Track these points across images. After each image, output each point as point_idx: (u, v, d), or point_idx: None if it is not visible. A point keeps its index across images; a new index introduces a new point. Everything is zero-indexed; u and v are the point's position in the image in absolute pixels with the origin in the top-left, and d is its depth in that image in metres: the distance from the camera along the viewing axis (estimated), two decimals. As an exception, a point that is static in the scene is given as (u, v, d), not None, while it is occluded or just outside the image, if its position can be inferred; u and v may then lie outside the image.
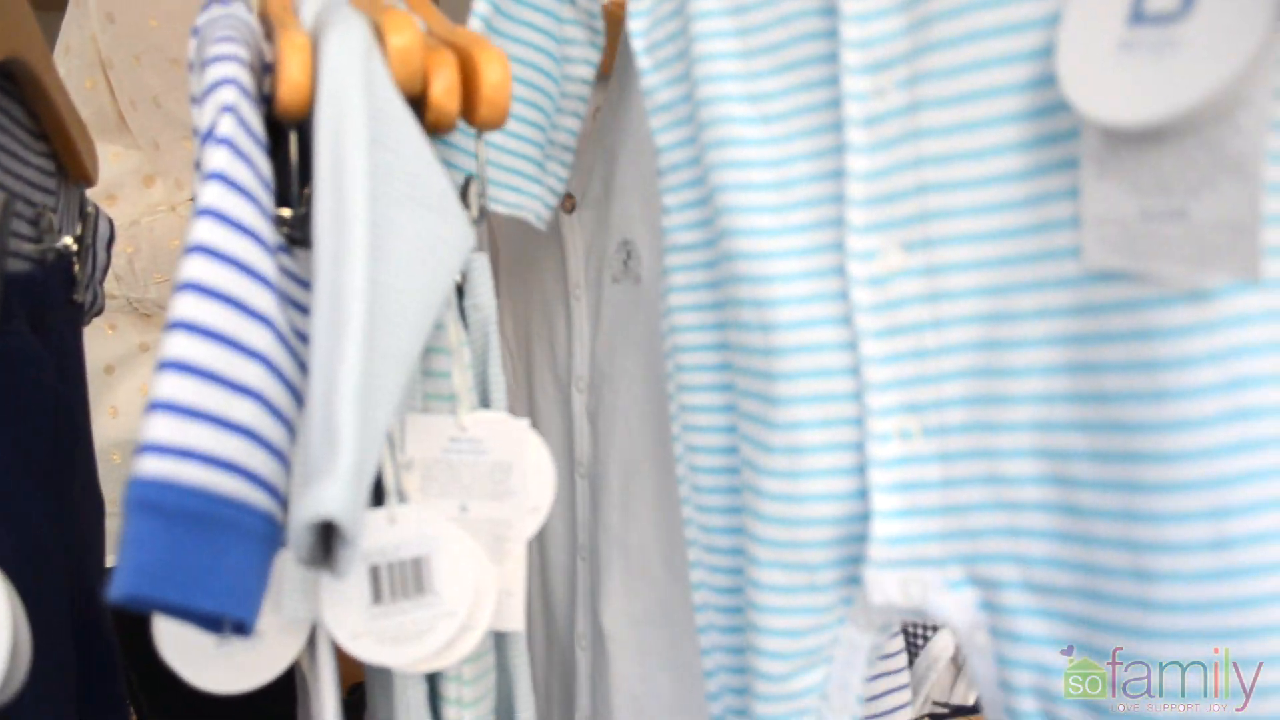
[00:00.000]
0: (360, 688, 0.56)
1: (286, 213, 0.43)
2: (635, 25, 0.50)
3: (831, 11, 0.41)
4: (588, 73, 0.57)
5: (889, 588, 0.42)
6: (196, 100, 0.41)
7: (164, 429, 0.33)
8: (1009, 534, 0.40)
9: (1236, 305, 0.33)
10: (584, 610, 0.70)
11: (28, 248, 0.55)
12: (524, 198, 0.58)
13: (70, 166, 0.58)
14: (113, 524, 0.88)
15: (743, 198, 0.45)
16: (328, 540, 0.36)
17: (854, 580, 0.44)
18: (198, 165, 0.39)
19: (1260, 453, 0.34)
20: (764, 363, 0.44)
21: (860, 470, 0.42)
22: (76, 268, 0.58)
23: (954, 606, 0.41)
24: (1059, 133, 0.36)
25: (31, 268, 0.55)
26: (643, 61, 0.50)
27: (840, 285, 0.42)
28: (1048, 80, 0.36)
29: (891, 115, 0.40)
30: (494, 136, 0.54)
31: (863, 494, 0.42)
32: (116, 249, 0.89)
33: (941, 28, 0.38)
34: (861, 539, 0.43)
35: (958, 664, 0.83)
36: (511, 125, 0.56)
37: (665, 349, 0.52)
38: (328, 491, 0.31)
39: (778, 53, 0.44)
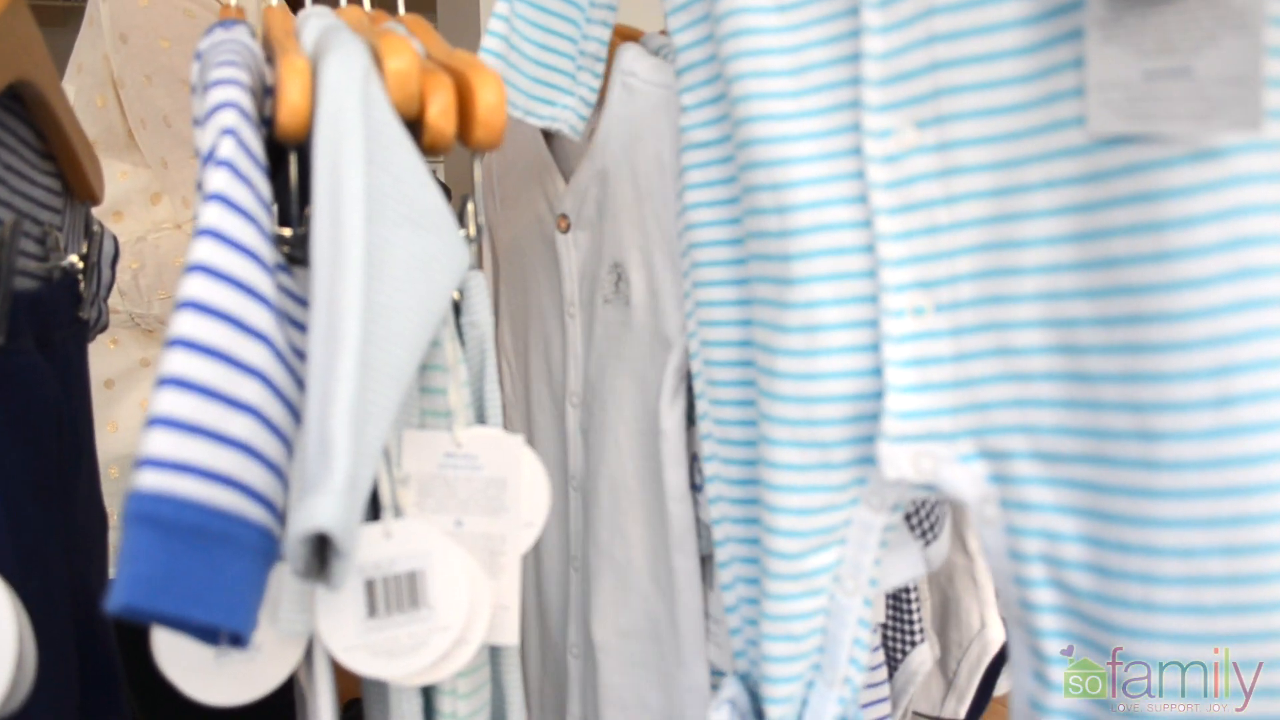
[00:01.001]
0: (357, 703, 0.56)
1: (287, 232, 0.44)
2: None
3: None
4: None
5: (901, 462, 0.43)
6: (199, 122, 0.42)
7: (163, 443, 0.33)
8: (1018, 405, 0.41)
9: (1240, 165, 0.34)
10: (576, 620, 0.70)
11: (34, 266, 0.56)
12: (557, 109, 0.60)
13: (76, 186, 0.59)
14: (113, 538, 0.89)
15: (759, 84, 0.46)
16: (323, 553, 0.36)
17: (867, 460, 0.45)
18: (199, 186, 0.40)
19: (1263, 311, 0.34)
20: (780, 245, 0.45)
21: (874, 347, 0.43)
22: (82, 285, 0.59)
23: (965, 479, 0.42)
24: (1064, 4, 0.37)
25: (38, 286, 0.56)
26: None
27: (855, 165, 0.43)
28: None
29: None
30: (526, 48, 0.57)
31: (877, 371, 0.43)
32: (122, 265, 0.90)
33: None
34: (875, 417, 0.44)
35: (947, 676, 0.83)
36: (542, 36, 0.58)
37: (680, 247, 0.54)
38: (321, 504, 0.32)
39: None
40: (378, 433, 0.39)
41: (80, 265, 0.58)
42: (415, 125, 0.45)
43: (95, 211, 0.92)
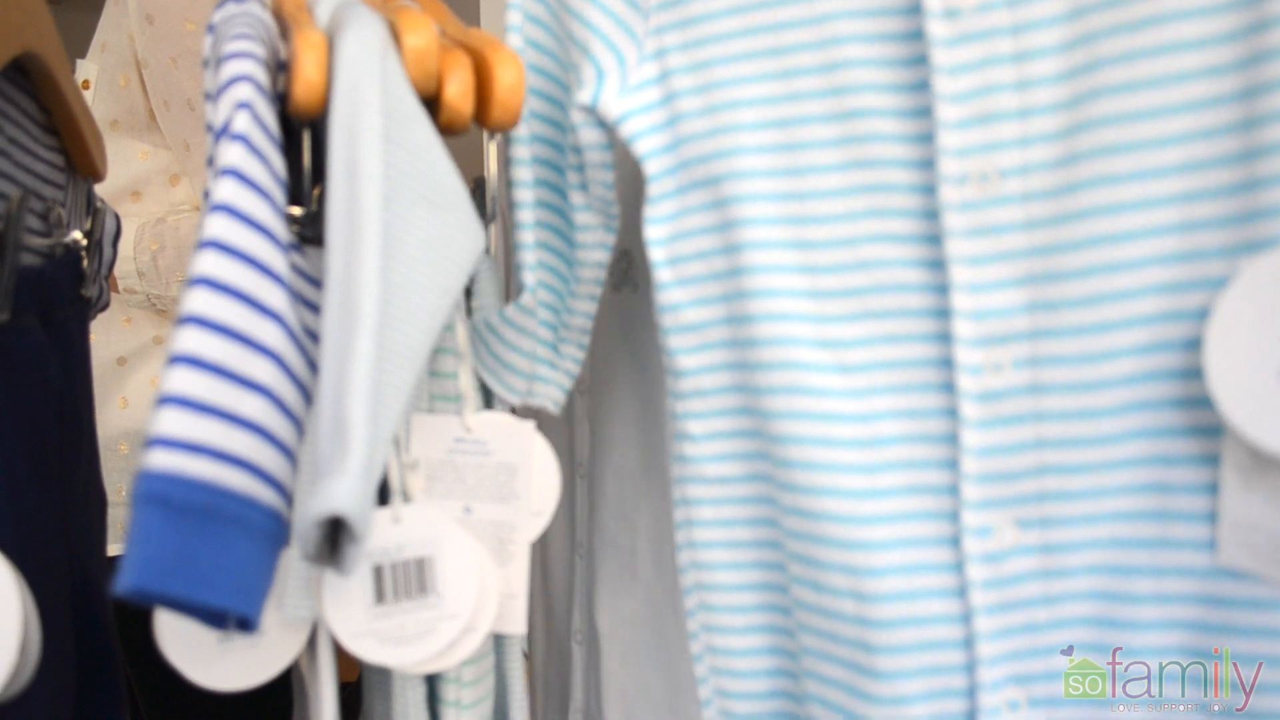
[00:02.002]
0: (349, 686, 0.56)
1: (298, 211, 0.44)
2: (654, 233, 0.46)
3: (933, 269, 0.41)
4: (603, 256, 0.51)
5: None
6: (211, 96, 0.41)
7: (174, 423, 0.33)
8: None
9: None
10: (580, 606, 0.70)
11: (37, 242, 0.55)
12: (536, 383, 0.52)
13: (79, 162, 0.58)
14: (117, 514, 0.88)
15: (825, 454, 0.43)
16: (333, 538, 0.36)
17: None
18: (210, 161, 0.40)
19: None
20: (859, 633, 0.43)
21: None
22: (85, 263, 0.58)
23: None
24: (1181, 428, 0.38)
25: (41, 262, 0.55)
26: (663, 274, 0.46)
27: (951, 556, 0.42)
28: (1173, 374, 0.37)
29: (1010, 394, 0.40)
30: (502, 325, 0.50)
31: None
32: (141, 246, 0.90)
33: (1068, 316, 0.38)
34: None
35: None
36: (518, 317, 0.51)
37: (689, 606, 0.49)
38: (338, 487, 0.31)
39: (857, 298, 0.43)
40: (392, 415, 0.38)
41: (83, 242, 0.57)
42: (432, 103, 0.44)
43: (114, 191, 0.92)
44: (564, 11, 0.47)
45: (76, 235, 0.57)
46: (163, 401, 0.33)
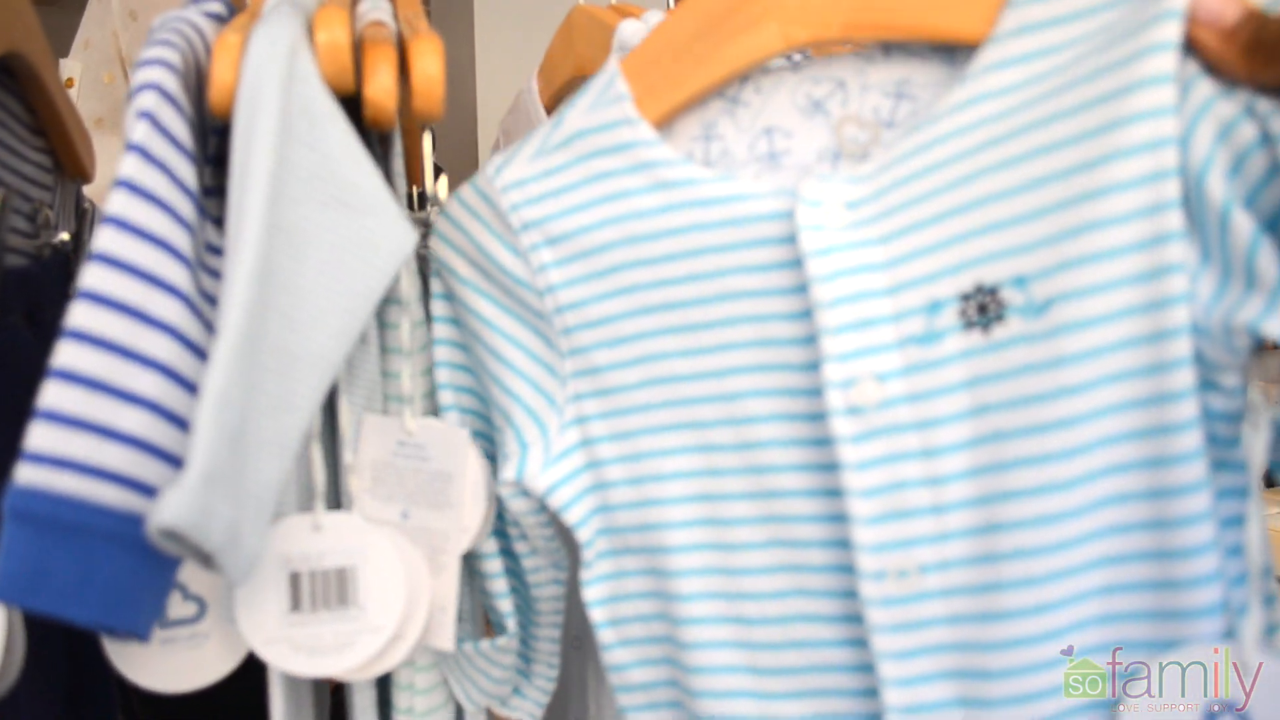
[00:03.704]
0: (345, 688, 0.56)
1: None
2: (593, 594, 0.46)
3: (864, 648, 0.40)
4: (557, 591, 0.51)
5: None
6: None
7: (42, 438, 0.33)
8: None
9: None
10: (575, 610, 0.69)
11: (24, 243, 0.56)
12: (514, 698, 0.53)
13: (67, 162, 0.59)
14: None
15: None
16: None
17: None
18: None
19: None
20: None
21: None
22: (73, 264, 0.59)
23: None
24: None
25: (28, 263, 0.56)
26: (606, 635, 0.46)
27: None
28: None
29: None
30: (477, 657, 0.49)
31: None
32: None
33: (998, 714, 0.38)
34: None
35: None
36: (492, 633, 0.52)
37: None
38: (169, 499, 0.30)
39: (795, 677, 0.43)
40: (288, 421, 0.37)
41: (71, 243, 0.58)
42: (357, 99, 0.43)
43: (98, 189, 0.94)
44: (485, 375, 0.47)
45: (65, 236, 0.58)
46: (34, 416, 0.33)
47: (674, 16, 0.45)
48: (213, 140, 0.43)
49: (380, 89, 0.42)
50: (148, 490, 0.35)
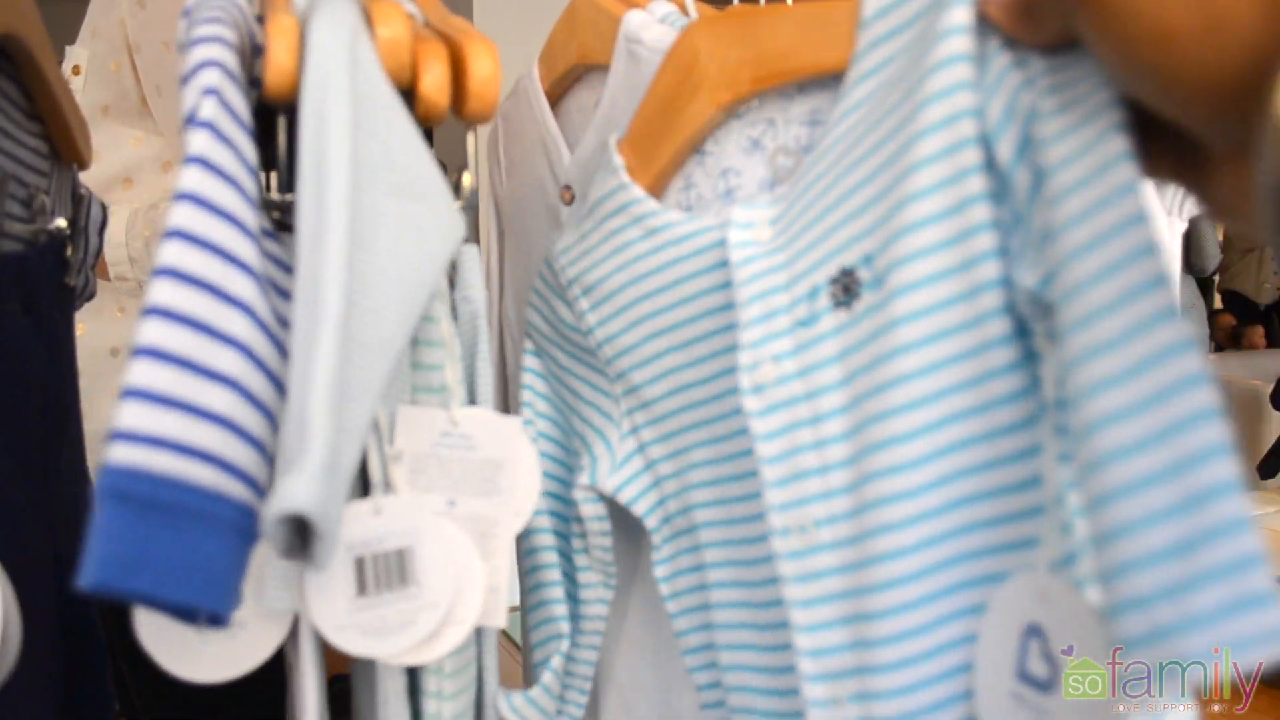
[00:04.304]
0: (339, 679, 0.56)
1: (277, 197, 0.43)
2: (660, 571, 0.55)
3: None
4: (603, 610, 0.58)
5: None
6: (182, 81, 0.40)
7: (136, 416, 0.32)
8: None
9: None
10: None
11: (20, 229, 0.54)
12: None
13: (63, 148, 0.58)
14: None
15: None
16: (307, 532, 0.35)
17: None
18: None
19: None
20: None
21: None
22: (69, 251, 0.57)
23: None
24: None
25: (23, 249, 0.54)
26: (670, 606, 0.55)
27: None
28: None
29: None
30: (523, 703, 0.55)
31: None
32: (134, 232, 0.89)
33: (880, 654, 0.41)
34: None
35: None
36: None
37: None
38: (297, 486, 0.31)
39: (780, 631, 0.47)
40: (362, 409, 0.37)
41: (67, 230, 0.57)
42: (408, 94, 0.44)
43: (106, 178, 0.91)
44: (566, 409, 0.59)
45: (60, 223, 0.56)
46: (125, 395, 0.32)
47: (645, 98, 0.53)
48: None
49: (434, 85, 0.43)
50: (235, 471, 0.35)
